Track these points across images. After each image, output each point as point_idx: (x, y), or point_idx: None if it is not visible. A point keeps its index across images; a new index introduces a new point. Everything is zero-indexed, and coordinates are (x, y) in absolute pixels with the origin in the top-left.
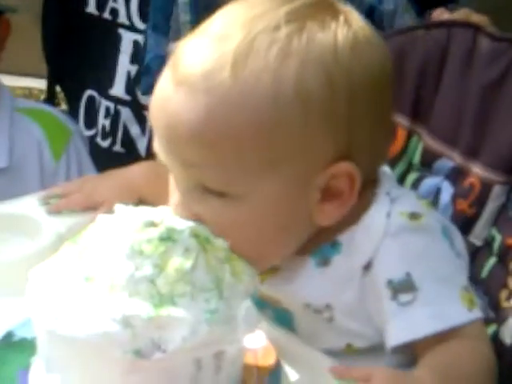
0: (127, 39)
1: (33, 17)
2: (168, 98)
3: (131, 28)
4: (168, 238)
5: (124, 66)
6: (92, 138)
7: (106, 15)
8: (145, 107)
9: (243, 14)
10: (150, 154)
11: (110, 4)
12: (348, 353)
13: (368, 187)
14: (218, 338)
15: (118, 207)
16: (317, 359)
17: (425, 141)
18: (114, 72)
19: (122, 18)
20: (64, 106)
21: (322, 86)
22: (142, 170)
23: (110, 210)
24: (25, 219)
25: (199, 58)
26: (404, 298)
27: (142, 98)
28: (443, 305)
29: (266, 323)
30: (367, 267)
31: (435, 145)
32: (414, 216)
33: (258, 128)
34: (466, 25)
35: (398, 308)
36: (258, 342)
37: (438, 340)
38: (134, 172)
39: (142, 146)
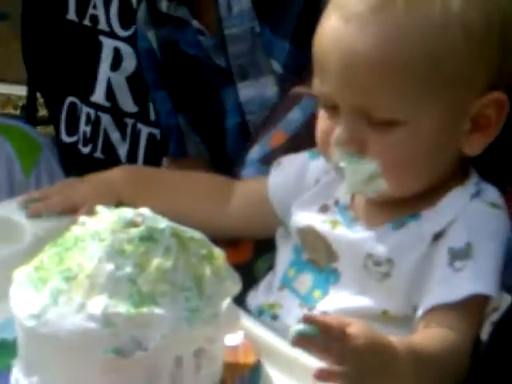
0: (107, 46)
1: (13, 23)
2: (341, 34)
3: (111, 35)
4: (149, 237)
5: (104, 73)
6: (73, 145)
7: (86, 22)
8: (125, 114)
9: None
10: (130, 161)
11: (90, 11)
12: (381, 320)
13: (460, 170)
14: (198, 336)
15: (100, 208)
16: (298, 358)
17: None
18: (95, 79)
19: (102, 25)
20: (43, 112)
21: (481, 17)
22: (122, 173)
23: (89, 212)
24: (4, 223)
25: None
26: (459, 264)
27: (123, 105)
28: (485, 276)
29: (246, 322)
30: (437, 236)
31: None
32: (494, 205)
33: (427, 55)
34: None
35: (451, 273)
36: (238, 341)
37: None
38: (114, 175)
39: (122, 152)
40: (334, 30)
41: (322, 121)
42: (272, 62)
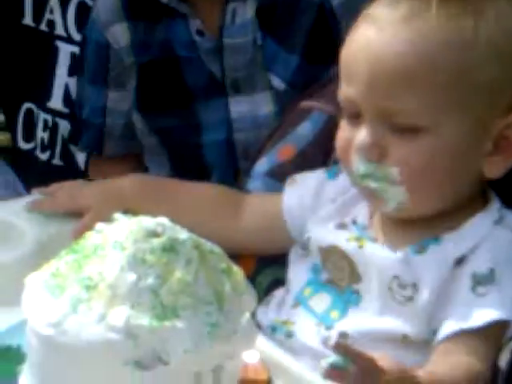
0: (64, 51)
1: None
2: (372, 40)
3: (68, 40)
4: (170, 248)
5: (61, 79)
6: (31, 152)
7: (43, 27)
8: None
9: None
10: (88, 167)
11: (47, 16)
12: (400, 343)
13: (481, 195)
14: (218, 351)
15: (117, 215)
16: (309, 377)
17: None
18: (52, 84)
19: (59, 30)
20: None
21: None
22: (131, 182)
23: (95, 218)
24: (6, 226)
25: (401, 5)
26: (481, 289)
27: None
28: (509, 302)
29: (260, 339)
30: (460, 261)
31: None
32: None
33: (455, 67)
34: None
35: (473, 298)
36: (251, 358)
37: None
38: (123, 183)
39: (81, 158)
40: (364, 38)
41: (343, 129)
42: (272, 77)
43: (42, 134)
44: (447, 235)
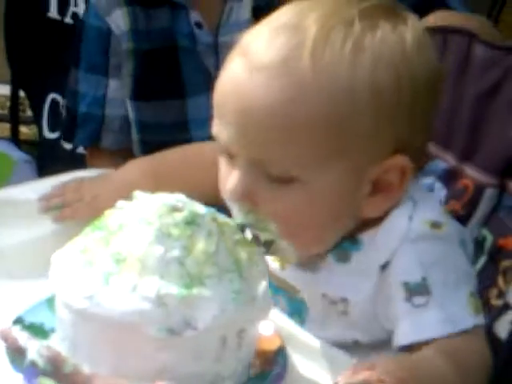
0: None
1: None
2: (243, 83)
3: None
4: (192, 221)
5: None
6: (56, 141)
7: (68, 20)
8: None
9: (315, 9)
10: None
11: (71, 8)
12: (355, 348)
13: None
14: (242, 316)
15: (138, 193)
16: (322, 347)
17: None
18: None
19: None
20: (29, 113)
21: (392, 83)
22: (138, 169)
23: None
24: (29, 205)
25: (275, 46)
26: (418, 300)
27: None
28: (453, 310)
29: (273, 311)
30: (384, 267)
31: (429, 147)
32: (435, 225)
33: (331, 117)
34: (461, 31)
35: (412, 309)
36: (265, 329)
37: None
38: (130, 172)
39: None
40: (236, 78)
41: (223, 166)
42: None
43: None
44: (366, 236)
